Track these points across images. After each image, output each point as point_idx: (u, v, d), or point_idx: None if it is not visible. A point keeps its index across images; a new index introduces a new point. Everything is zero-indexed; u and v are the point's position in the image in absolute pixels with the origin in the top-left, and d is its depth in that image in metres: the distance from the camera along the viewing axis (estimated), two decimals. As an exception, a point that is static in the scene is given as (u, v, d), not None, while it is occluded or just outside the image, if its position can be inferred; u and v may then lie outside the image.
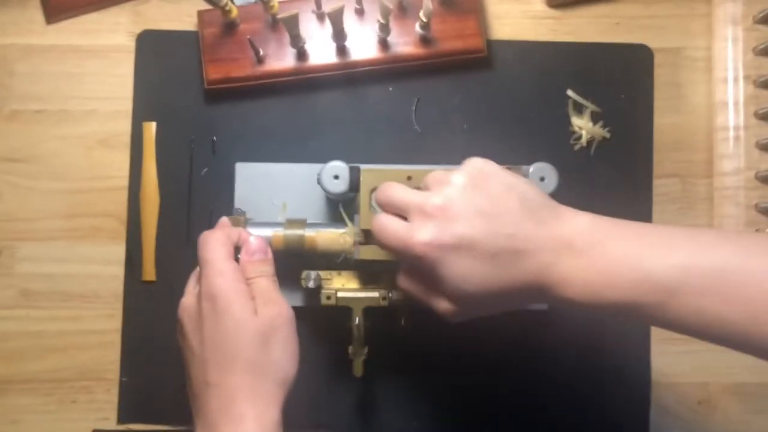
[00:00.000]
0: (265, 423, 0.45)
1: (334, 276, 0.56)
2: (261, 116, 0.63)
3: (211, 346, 0.47)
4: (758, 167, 0.62)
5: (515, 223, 0.44)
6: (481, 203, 0.45)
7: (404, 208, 0.46)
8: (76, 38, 0.64)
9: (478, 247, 0.43)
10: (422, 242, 0.44)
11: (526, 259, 0.43)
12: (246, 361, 0.46)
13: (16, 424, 0.61)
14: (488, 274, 0.44)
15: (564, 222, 0.45)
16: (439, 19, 0.62)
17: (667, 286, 0.41)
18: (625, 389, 0.63)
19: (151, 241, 0.62)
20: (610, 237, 0.43)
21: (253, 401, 0.46)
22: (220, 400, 0.46)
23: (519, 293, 0.45)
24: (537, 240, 0.44)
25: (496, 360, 0.62)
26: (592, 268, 0.43)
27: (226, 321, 0.46)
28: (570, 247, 0.43)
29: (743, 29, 0.63)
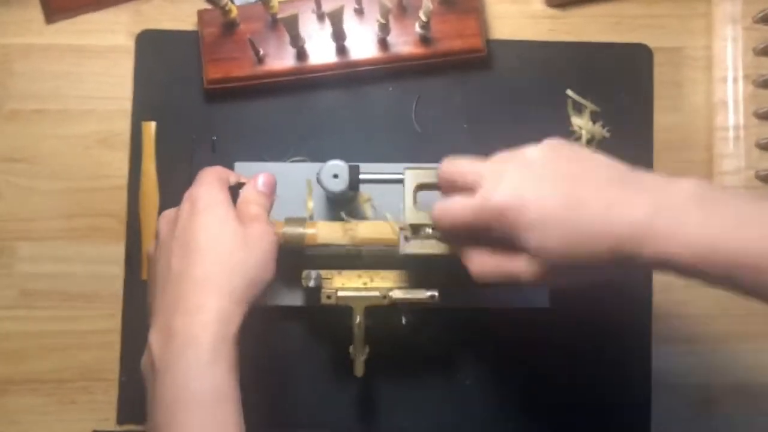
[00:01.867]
0: (224, 318, 0.42)
1: (335, 275, 0.56)
2: (261, 116, 0.63)
3: (181, 242, 0.44)
4: (758, 167, 0.62)
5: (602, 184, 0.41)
6: (563, 166, 0.42)
7: (477, 174, 0.44)
8: (75, 38, 0.64)
9: (563, 200, 0.41)
10: (502, 196, 0.42)
11: (615, 215, 0.40)
12: (218, 255, 0.43)
13: (15, 424, 0.61)
14: (576, 228, 0.41)
15: (667, 183, 0.41)
16: (438, 19, 0.62)
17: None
18: (626, 390, 0.62)
19: (151, 240, 0.62)
20: (721, 196, 0.40)
21: (216, 294, 0.42)
22: (179, 289, 0.43)
23: (606, 251, 0.40)
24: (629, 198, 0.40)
25: (497, 360, 0.62)
26: (706, 222, 0.39)
27: (204, 217, 0.44)
28: (674, 204, 0.39)
29: (743, 29, 0.63)
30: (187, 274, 0.43)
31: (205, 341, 0.41)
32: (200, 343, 0.40)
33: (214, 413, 0.40)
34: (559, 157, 0.43)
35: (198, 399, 0.40)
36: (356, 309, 0.55)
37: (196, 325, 0.41)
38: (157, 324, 0.43)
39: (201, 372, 0.40)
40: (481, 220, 0.43)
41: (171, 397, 0.40)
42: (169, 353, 0.41)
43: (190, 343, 0.40)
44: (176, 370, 0.40)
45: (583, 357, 0.62)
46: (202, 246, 0.44)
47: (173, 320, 0.41)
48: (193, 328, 0.41)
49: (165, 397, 0.40)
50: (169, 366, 0.40)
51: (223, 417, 0.40)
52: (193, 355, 0.40)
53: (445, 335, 0.61)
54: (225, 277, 0.43)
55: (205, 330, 0.41)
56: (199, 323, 0.41)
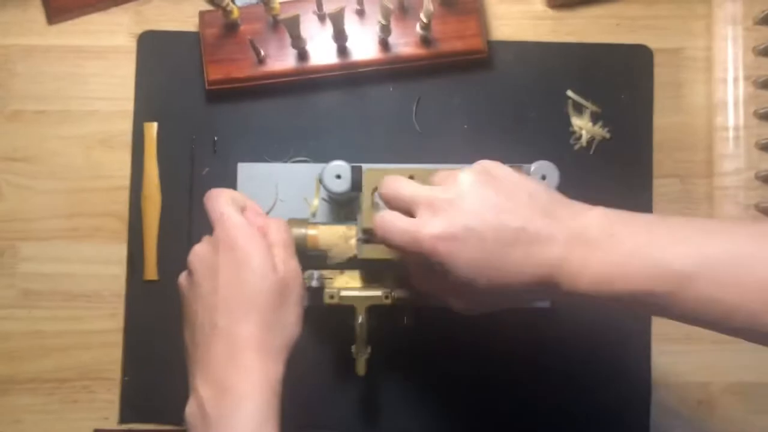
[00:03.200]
0: (271, 378, 0.45)
1: (337, 275, 0.57)
2: (262, 116, 0.63)
3: (226, 294, 0.46)
4: (758, 167, 0.62)
5: (525, 216, 0.44)
6: (491, 198, 0.44)
7: (411, 202, 0.46)
8: (77, 39, 0.64)
9: (488, 240, 0.43)
10: (431, 235, 0.43)
11: (537, 253, 0.43)
12: (261, 315, 0.46)
13: (17, 423, 0.61)
14: (499, 267, 0.43)
15: (576, 216, 0.44)
16: (439, 20, 0.62)
17: (681, 274, 0.40)
18: (625, 389, 0.63)
19: (152, 240, 0.62)
20: (622, 229, 0.43)
21: (262, 355, 0.45)
22: (228, 347, 0.45)
23: (530, 287, 0.44)
24: (548, 233, 0.43)
25: (498, 359, 0.62)
26: (606, 259, 0.42)
27: (245, 272, 0.46)
28: (582, 240, 0.43)
29: (743, 29, 0.63)
30: (236, 332, 0.45)
31: (256, 400, 0.44)
32: (252, 402, 0.43)
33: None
34: (488, 186, 0.45)
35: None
36: (358, 309, 0.55)
37: (247, 384, 0.44)
38: (206, 376, 0.45)
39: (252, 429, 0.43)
40: (412, 249, 0.45)
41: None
42: (222, 408, 0.43)
43: (242, 402, 0.43)
44: (228, 425, 0.43)
45: (582, 356, 0.62)
46: (247, 305, 0.46)
47: (225, 376, 0.44)
48: (245, 386, 0.44)
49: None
50: (221, 420, 0.43)
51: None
52: (246, 414, 0.43)
53: (447, 335, 0.61)
54: (268, 339, 0.46)
55: (255, 389, 0.44)
56: (250, 383, 0.44)
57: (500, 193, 0.45)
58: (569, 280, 0.43)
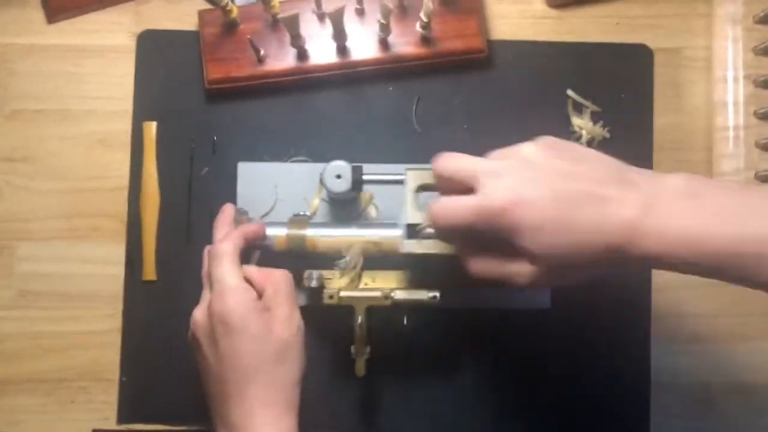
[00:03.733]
0: (286, 427, 0.48)
1: (336, 275, 0.57)
2: (261, 116, 0.63)
3: (229, 364, 0.48)
4: (758, 167, 0.62)
5: (596, 179, 0.42)
6: (559, 164, 0.43)
7: (473, 174, 0.44)
8: (76, 38, 0.64)
9: (558, 202, 0.42)
10: (501, 200, 0.42)
11: (610, 213, 0.41)
12: (265, 376, 0.48)
13: (15, 424, 0.61)
14: (570, 230, 0.42)
15: (654, 179, 0.43)
16: (439, 19, 0.62)
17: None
18: (625, 389, 0.63)
19: (151, 240, 0.62)
20: (707, 191, 0.42)
21: (273, 409, 0.48)
22: (241, 410, 0.48)
23: (599, 251, 0.42)
24: (622, 195, 0.42)
25: (497, 359, 0.62)
26: (690, 219, 0.41)
27: (242, 342, 0.48)
28: (663, 201, 0.41)
29: (743, 29, 0.63)
30: (245, 396, 0.48)
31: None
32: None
33: None
34: (555, 154, 0.44)
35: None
36: (358, 309, 0.55)
37: None
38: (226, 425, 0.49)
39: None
40: (480, 221, 0.43)
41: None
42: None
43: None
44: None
45: (582, 357, 0.62)
46: (250, 371, 0.48)
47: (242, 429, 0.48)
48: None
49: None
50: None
51: None
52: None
53: (446, 335, 0.61)
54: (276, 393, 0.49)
55: None
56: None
57: (569, 160, 0.44)
58: (646, 241, 0.41)
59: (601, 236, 0.41)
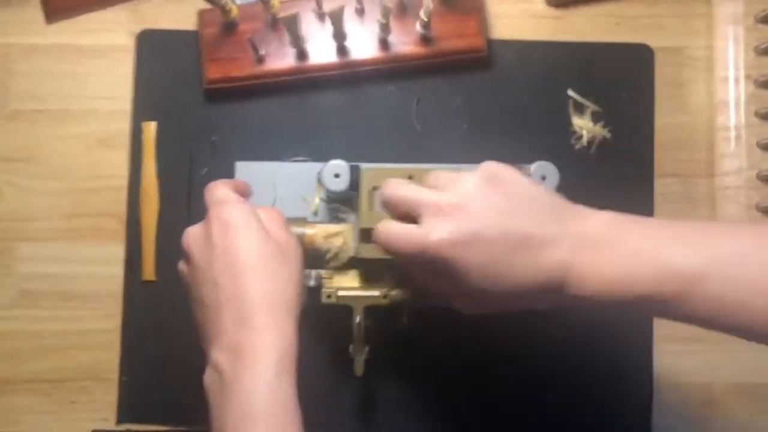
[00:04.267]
0: (283, 337, 0.44)
1: (335, 275, 0.56)
2: (261, 116, 0.63)
3: (224, 264, 0.46)
4: (759, 167, 0.62)
5: (532, 221, 0.44)
6: (497, 202, 0.44)
7: (416, 206, 0.45)
8: (76, 38, 0.64)
9: (495, 245, 0.43)
10: (438, 242, 0.43)
11: (545, 257, 0.43)
12: (263, 273, 0.45)
13: (15, 424, 0.61)
14: (507, 272, 0.43)
15: (582, 220, 0.44)
16: (439, 19, 0.62)
17: (689, 275, 0.40)
18: (627, 389, 0.62)
19: (150, 240, 0.62)
20: (630, 232, 0.43)
21: (272, 313, 0.45)
22: (236, 311, 0.44)
23: (537, 291, 0.44)
24: (555, 237, 0.43)
25: (497, 359, 0.62)
26: (614, 262, 0.42)
27: (242, 238, 0.46)
28: (589, 244, 0.43)
29: (744, 28, 0.63)
30: (243, 294, 0.45)
31: (269, 360, 0.43)
32: (265, 361, 0.43)
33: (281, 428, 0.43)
34: (493, 191, 0.45)
35: (266, 414, 0.42)
36: (356, 309, 0.55)
37: (259, 344, 0.43)
38: (220, 343, 0.44)
39: (269, 388, 0.42)
40: (419, 256, 0.44)
41: (240, 413, 0.42)
42: (237, 370, 0.43)
43: (256, 362, 0.43)
44: (245, 386, 0.42)
45: (583, 356, 0.62)
46: (249, 266, 0.45)
47: (237, 339, 0.44)
48: (258, 346, 0.43)
49: (234, 413, 0.42)
50: (236, 381, 0.42)
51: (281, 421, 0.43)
52: (259, 373, 0.42)
53: (445, 335, 0.61)
54: (278, 295, 0.45)
55: (268, 349, 0.43)
56: (263, 343, 0.43)
57: (506, 197, 0.45)
58: (577, 283, 0.43)
59: (534, 278, 0.43)
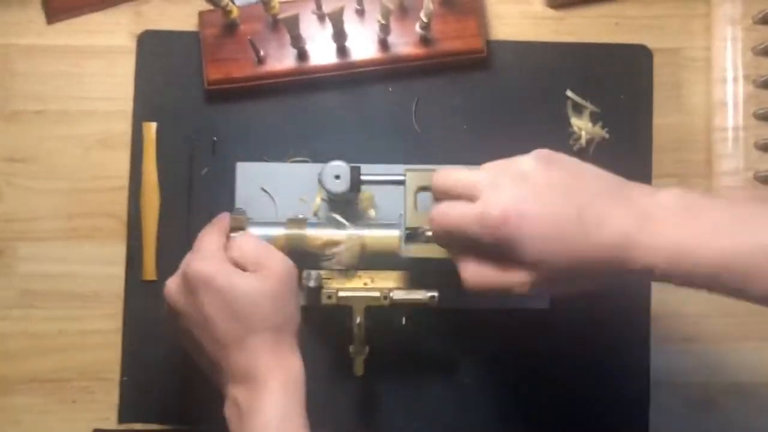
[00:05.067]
0: (291, 372, 0.49)
1: (335, 275, 0.57)
2: (261, 116, 0.63)
3: (222, 320, 0.48)
4: (757, 167, 0.62)
5: (594, 194, 0.43)
6: (556, 178, 0.44)
7: (473, 185, 0.45)
8: (76, 38, 0.64)
9: (557, 215, 0.42)
10: (500, 209, 0.43)
11: (608, 228, 0.42)
12: (264, 320, 0.48)
13: (16, 424, 0.61)
14: (569, 243, 0.42)
15: (649, 193, 0.44)
16: (439, 20, 0.62)
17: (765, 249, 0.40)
18: (624, 389, 0.63)
19: (151, 240, 0.62)
20: (703, 206, 0.43)
21: (277, 354, 0.48)
22: (245, 359, 0.48)
23: (600, 265, 0.43)
24: (618, 209, 0.43)
25: (497, 359, 0.62)
26: (685, 232, 0.41)
27: (233, 294, 0.48)
28: (658, 215, 0.42)
29: (742, 29, 0.63)
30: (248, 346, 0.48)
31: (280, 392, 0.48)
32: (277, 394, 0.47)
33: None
34: (551, 168, 0.45)
35: None
36: (356, 309, 0.55)
37: (272, 380, 0.47)
38: (234, 381, 0.48)
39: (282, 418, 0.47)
40: (480, 229, 0.44)
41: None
42: (253, 400, 0.47)
43: (269, 394, 0.47)
44: (259, 412, 0.47)
45: (581, 356, 0.62)
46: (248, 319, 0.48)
47: (250, 377, 0.48)
48: (270, 382, 0.47)
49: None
50: (252, 410, 0.47)
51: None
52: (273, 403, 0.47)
53: (445, 336, 0.61)
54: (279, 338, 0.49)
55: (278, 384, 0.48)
56: (275, 379, 0.48)
57: (566, 173, 0.44)
58: (643, 255, 0.42)
59: (597, 249, 0.42)
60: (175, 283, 0.50)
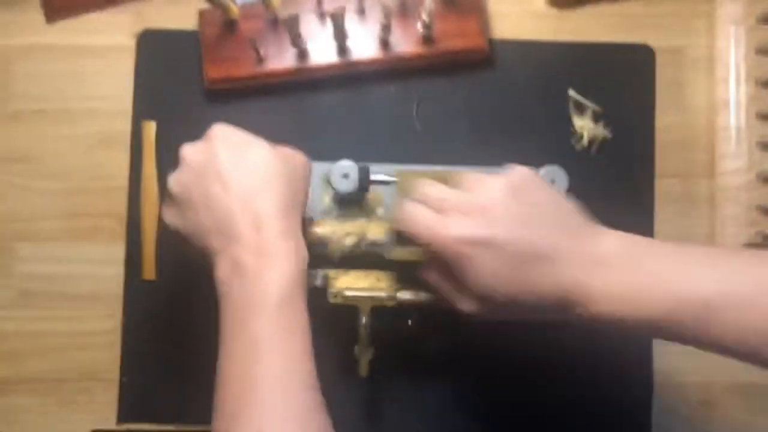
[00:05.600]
0: (299, 251, 0.46)
1: (341, 275, 0.56)
2: (261, 116, 0.63)
3: (229, 162, 0.47)
4: (760, 167, 0.62)
5: (551, 234, 0.44)
6: (520, 210, 0.45)
7: (440, 203, 0.46)
8: (76, 38, 0.64)
9: (510, 251, 0.43)
10: (455, 236, 0.44)
11: (557, 271, 0.43)
12: (278, 188, 0.46)
13: (15, 424, 0.61)
14: (516, 279, 0.44)
15: (599, 239, 0.45)
16: (440, 19, 0.62)
17: (708, 301, 0.40)
18: (626, 388, 0.62)
19: (151, 240, 0.61)
20: (648, 254, 0.44)
21: (290, 217, 0.46)
22: (256, 218, 0.45)
23: (544, 304, 0.44)
24: (570, 253, 0.44)
25: (500, 360, 0.62)
26: (630, 283, 0.42)
27: (251, 149, 0.48)
28: (605, 263, 0.43)
29: (745, 29, 0.63)
30: (256, 210, 0.45)
31: (291, 265, 0.44)
32: (287, 265, 0.44)
33: (297, 315, 0.45)
34: (519, 198, 0.45)
35: (287, 304, 0.44)
36: (362, 309, 0.54)
37: (281, 251, 0.44)
38: (239, 241, 0.44)
39: (292, 286, 0.44)
40: (435, 246, 0.45)
41: (264, 300, 0.43)
42: (261, 265, 0.44)
43: (279, 263, 0.44)
44: (271, 278, 0.43)
45: (584, 357, 0.62)
46: (258, 178, 0.46)
47: (260, 241, 0.44)
48: (280, 252, 0.44)
49: (256, 300, 0.43)
50: (260, 275, 0.44)
51: (294, 318, 0.45)
52: (282, 273, 0.44)
53: (450, 337, 0.61)
54: (290, 200, 0.47)
55: (290, 255, 0.45)
56: (284, 249, 0.44)
57: (529, 206, 0.45)
58: (588, 301, 0.43)
59: (544, 291, 0.44)
60: (199, 143, 0.49)
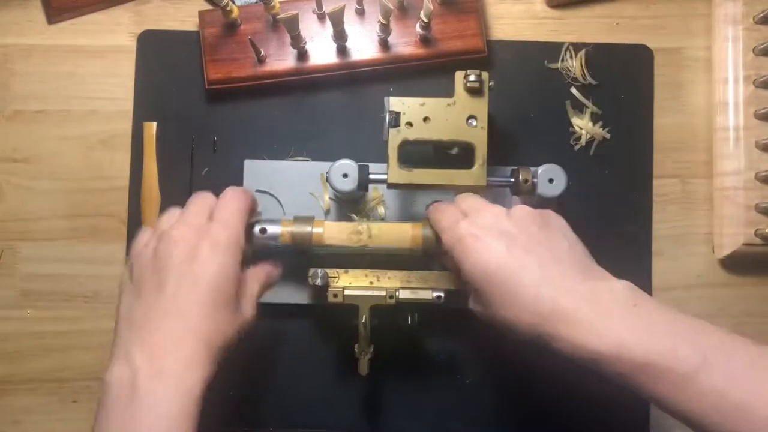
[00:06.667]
0: (205, 375, 0.45)
1: (341, 274, 0.57)
2: (262, 116, 0.63)
3: (188, 278, 0.47)
4: (758, 168, 0.62)
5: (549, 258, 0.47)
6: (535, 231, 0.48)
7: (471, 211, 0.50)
8: (77, 38, 0.64)
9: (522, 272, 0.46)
10: (468, 231, 0.48)
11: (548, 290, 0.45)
12: (209, 308, 0.46)
13: (17, 424, 0.61)
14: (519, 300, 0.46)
15: (603, 279, 0.47)
16: (439, 20, 0.62)
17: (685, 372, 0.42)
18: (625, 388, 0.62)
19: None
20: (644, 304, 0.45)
21: (211, 348, 0.46)
22: (178, 326, 0.45)
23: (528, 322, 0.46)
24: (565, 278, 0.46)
25: (499, 360, 0.62)
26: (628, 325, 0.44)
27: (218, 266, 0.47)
28: (603, 303, 0.44)
29: (743, 29, 0.63)
30: (193, 317, 0.46)
31: (188, 392, 0.44)
32: (183, 390, 0.44)
33: None
34: (539, 227, 0.48)
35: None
36: (362, 308, 0.55)
37: (186, 373, 0.44)
38: (147, 349, 0.45)
39: (177, 420, 0.43)
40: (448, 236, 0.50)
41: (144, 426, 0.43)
42: (156, 384, 0.43)
43: (176, 385, 0.43)
44: (156, 400, 0.43)
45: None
46: (199, 296, 0.46)
47: (166, 356, 0.44)
48: (184, 373, 0.44)
49: (133, 424, 0.43)
50: (150, 394, 0.43)
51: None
52: (174, 397, 0.43)
53: (450, 336, 0.61)
54: (214, 338, 0.46)
55: (192, 381, 0.44)
56: (190, 373, 0.44)
57: (550, 241, 0.48)
58: (575, 328, 0.44)
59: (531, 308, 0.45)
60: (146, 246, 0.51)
